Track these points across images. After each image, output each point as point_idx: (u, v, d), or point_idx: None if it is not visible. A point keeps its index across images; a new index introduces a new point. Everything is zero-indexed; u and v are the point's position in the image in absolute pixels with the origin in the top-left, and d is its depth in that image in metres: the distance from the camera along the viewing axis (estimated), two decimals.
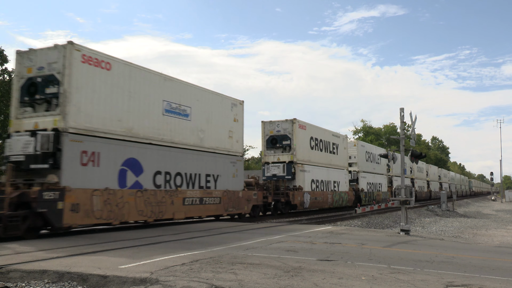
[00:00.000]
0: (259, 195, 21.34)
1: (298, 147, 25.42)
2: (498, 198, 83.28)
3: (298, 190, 24.76)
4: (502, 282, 6.81)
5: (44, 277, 6.67)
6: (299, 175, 25.36)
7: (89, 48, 12.96)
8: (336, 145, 31.73)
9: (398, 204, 15.75)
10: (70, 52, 12.26)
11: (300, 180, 25.50)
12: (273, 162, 25.18)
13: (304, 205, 25.35)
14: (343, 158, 32.64)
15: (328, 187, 29.48)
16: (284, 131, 25.31)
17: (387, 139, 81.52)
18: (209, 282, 6.15)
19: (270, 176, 24.74)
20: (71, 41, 12.39)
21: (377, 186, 38.84)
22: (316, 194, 27.22)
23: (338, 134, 32.25)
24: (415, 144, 21.79)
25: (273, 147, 25.42)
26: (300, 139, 25.74)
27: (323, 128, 29.92)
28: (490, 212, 42.31)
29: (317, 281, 6.38)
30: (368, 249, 10.10)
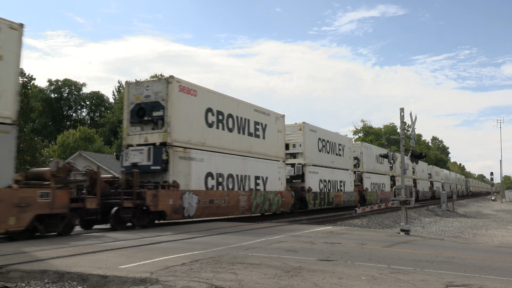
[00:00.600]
0: (58, 195, 11.80)
1: (178, 122, 16.19)
2: (498, 198, 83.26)
3: (170, 189, 15.47)
4: (502, 282, 6.81)
5: (44, 277, 6.67)
6: (177, 165, 15.99)
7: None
8: (262, 125, 21.94)
9: (398, 204, 15.76)
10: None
11: (180, 174, 16.16)
12: (138, 144, 16.21)
13: (185, 212, 16.03)
14: (275, 144, 22.92)
15: (243, 184, 19.86)
16: (155, 97, 16.17)
17: (387, 139, 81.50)
18: (209, 282, 6.15)
19: (129, 166, 15.77)
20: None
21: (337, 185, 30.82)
22: (214, 196, 17.59)
23: (267, 111, 22.43)
24: (415, 144, 21.79)
25: (140, 122, 16.49)
26: (183, 110, 16.54)
27: (233, 98, 20.02)
28: (490, 212, 42.30)
29: (317, 281, 6.38)
30: (368, 249, 10.10)
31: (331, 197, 29.13)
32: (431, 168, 63.71)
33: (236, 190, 19.21)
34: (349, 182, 32.67)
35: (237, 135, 19.80)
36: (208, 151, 17.82)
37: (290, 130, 26.07)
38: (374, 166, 38.08)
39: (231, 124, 19.41)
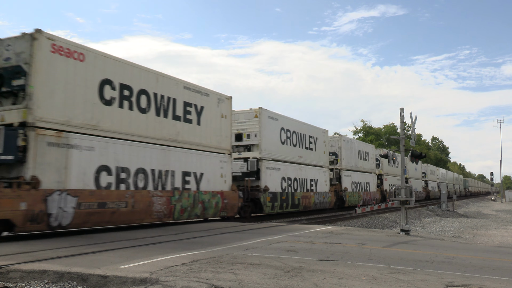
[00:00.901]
0: None
1: (48, 94, 11.47)
2: (498, 198, 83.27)
3: (23, 187, 10.58)
4: (502, 282, 6.82)
5: (44, 277, 6.67)
6: (43, 154, 11.14)
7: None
8: (196, 107, 16.96)
9: (398, 204, 15.76)
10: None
11: (49, 166, 11.29)
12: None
13: (52, 220, 11.18)
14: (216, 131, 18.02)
15: (163, 182, 14.92)
16: (17, 59, 11.40)
17: (387, 139, 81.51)
18: (209, 282, 6.15)
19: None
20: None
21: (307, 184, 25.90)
22: (108, 197, 12.71)
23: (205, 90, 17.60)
24: (415, 144, 21.79)
25: None
26: (58, 78, 11.78)
27: (151, 70, 15.08)
28: (490, 212, 42.31)
29: (317, 281, 6.39)
30: (368, 249, 10.10)
31: (297, 198, 24.05)
32: (425, 167, 59.57)
33: (148, 190, 14.27)
34: (323, 181, 27.91)
35: (154, 117, 14.88)
36: (103, 136, 13.03)
37: (244, 117, 21.65)
38: (356, 163, 33.54)
39: (144, 103, 14.48)
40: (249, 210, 20.54)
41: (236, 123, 21.47)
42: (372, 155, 37.64)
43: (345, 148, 31.66)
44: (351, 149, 33.08)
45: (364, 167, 35.56)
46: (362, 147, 35.67)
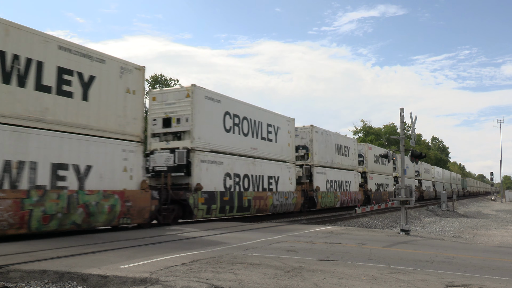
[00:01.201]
0: None
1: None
2: (498, 198, 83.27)
3: None
4: (502, 282, 6.81)
5: (44, 277, 6.67)
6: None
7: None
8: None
9: (398, 204, 15.77)
10: None
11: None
12: None
13: None
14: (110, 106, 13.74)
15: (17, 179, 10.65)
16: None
17: (387, 139, 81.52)
18: (209, 282, 6.15)
19: None
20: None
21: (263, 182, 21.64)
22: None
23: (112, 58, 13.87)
24: (415, 144, 21.80)
25: None
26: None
27: None
28: (490, 212, 42.32)
29: (317, 281, 6.39)
30: (368, 249, 10.10)
31: (246, 199, 19.75)
32: (419, 165, 54.70)
33: None
34: (288, 179, 23.69)
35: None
36: None
37: (174, 97, 17.50)
38: (333, 159, 29.36)
39: None
40: (173, 215, 16.15)
41: (165, 104, 17.66)
42: (354, 150, 33.73)
43: (318, 141, 27.37)
44: (326, 142, 28.86)
45: (343, 164, 31.33)
46: (341, 141, 31.43)
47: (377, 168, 39.11)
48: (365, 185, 35.96)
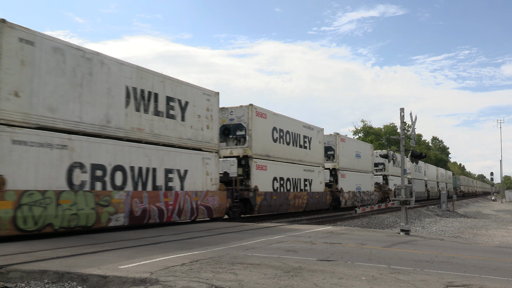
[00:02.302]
0: None
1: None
2: (498, 198, 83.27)
3: None
4: (502, 282, 6.81)
5: (44, 277, 6.67)
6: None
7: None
8: None
9: (398, 204, 15.76)
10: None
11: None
12: None
13: None
14: None
15: None
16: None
17: (387, 139, 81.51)
18: (209, 282, 6.15)
19: None
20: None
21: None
22: None
23: None
24: (415, 144, 21.77)
25: None
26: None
27: None
28: (490, 212, 42.32)
29: (317, 281, 6.38)
30: (368, 249, 10.09)
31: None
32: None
33: None
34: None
35: None
36: None
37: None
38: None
39: None
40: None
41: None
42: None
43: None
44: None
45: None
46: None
47: None
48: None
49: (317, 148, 27.33)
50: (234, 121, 20.90)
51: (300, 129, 25.45)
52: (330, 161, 29.95)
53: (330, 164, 29.75)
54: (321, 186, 27.37)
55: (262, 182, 21.22)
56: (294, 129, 25.25)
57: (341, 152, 30.56)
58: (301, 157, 25.26)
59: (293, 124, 25.31)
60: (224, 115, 20.82)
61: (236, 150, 20.77)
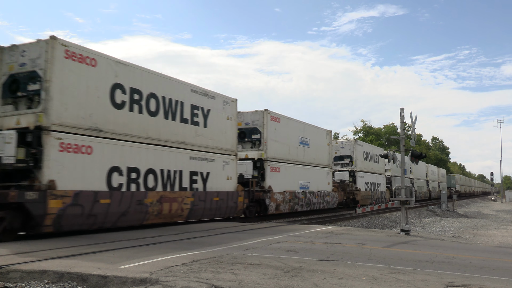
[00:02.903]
0: None
1: None
2: (498, 198, 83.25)
3: None
4: (502, 282, 6.81)
5: (44, 277, 6.67)
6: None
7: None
8: None
9: (398, 204, 15.76)
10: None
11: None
12: None
13: None
14: None
15: None
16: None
17: (387, 139, 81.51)
18: (209, 282, 6.15)
19: None
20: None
21: None
22: None
23: None
24: (415, 144, 21.77)
25: None
26: None
27: None
28: (490, 212, 42.31)
29: (317, 281, 6.38)
30: (368, 249, 10.09)
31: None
32: None
33: None
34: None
35: None
36: None
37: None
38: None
39: None
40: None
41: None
42: None
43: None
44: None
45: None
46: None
47: None
48: None
49: (222, 125, 18.36)
50: None
51: (183, 93, 16.26)
52: (255, 149, 21.81)
53: (254, 152, 21.65)
54: (229, 183, 18.61)
55: None
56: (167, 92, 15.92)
57: (272, 136, 22.19)
58: (183, 136, 16.17)
59: (163, 84, 15.82)
60: None
61: None
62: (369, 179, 35.70)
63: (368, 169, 36.13)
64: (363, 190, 34.19)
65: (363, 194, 34.12)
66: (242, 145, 21.93)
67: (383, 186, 39.97)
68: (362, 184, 34.07)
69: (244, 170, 21.12)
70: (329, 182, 28.71)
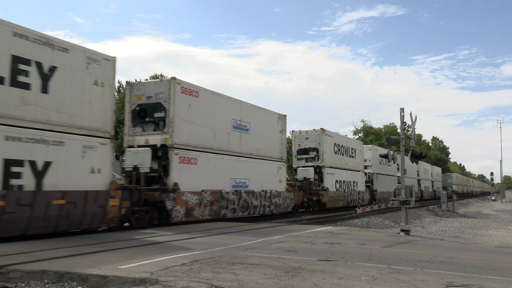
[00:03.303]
0: None
1: None
2: (498, 198, 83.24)
3: None
4: (502, 282, 6.81)
5: (44, 277, 6.67)
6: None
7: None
8: None
9: (398, 204, 15.76)
10: None
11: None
12: None
13: None
14: None
15: None
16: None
17: (387, 139, 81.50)
18: (209, 282, 6.15)
19: None
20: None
21: None
22: None
23: None
24: (415, 145, 21.75)
25: None
26: None
27: None
28: (490, 212, 42.32)
29: (317, 281, 6.38)
30: (368, 249, 10.09)
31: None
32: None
33: None
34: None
35: None
36: None
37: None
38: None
39: None
40: None
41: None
42: None
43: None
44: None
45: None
46: None
47: None
48: None
49: (82, 92, 12.50)
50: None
51: None
52: (158, 132, 16.18)
53: (156, 137, 16.07)
54: (95, 178, 12.53)
55: None
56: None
57: (184, 114, 16.49)
58: None
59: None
60: None
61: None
62: (341, 177, 30.46)
63: (341, 164, 30.67)
64: (332, 190, 28.86)
65: (332, 195, 28.59)
66: (143, 127, 16.42)
67: (361, 185, 34.21)
68: (331, 183, 28.83)
69: (139, 160, 15.64)
70: (282, 180, 22.83)
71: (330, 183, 28.67)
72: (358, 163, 34.42)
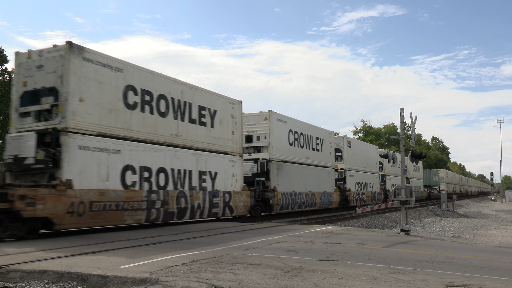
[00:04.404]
0: None
1: None
2: (498, 198, 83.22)
3: None
4: (502, 282, 6.81)
5: (44, 277, 6.67)
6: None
7: None
8: None
9: (398, 204, 15.76)
10: None
11: None
12: None
13: None
14: None
15: None
16: None
17: (387, 139, 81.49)
18: (209, 282, 6.15)
19: None
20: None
21: None
22: None
23: None
24: (415, 145, 21.75)
25: None
26: None
27: None
28: (490, 212, 42.32)
29: (317, 281, 6.38)
30: (368, 249, 10.10)
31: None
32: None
33: None
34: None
35: None
36: None
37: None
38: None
39: None
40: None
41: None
42: None
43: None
44: None
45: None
46: None
47: None
48: None
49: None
50: None
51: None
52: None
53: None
54: None
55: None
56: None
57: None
58: None
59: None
60: None
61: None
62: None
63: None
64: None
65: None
66: None
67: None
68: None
69: None
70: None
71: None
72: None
